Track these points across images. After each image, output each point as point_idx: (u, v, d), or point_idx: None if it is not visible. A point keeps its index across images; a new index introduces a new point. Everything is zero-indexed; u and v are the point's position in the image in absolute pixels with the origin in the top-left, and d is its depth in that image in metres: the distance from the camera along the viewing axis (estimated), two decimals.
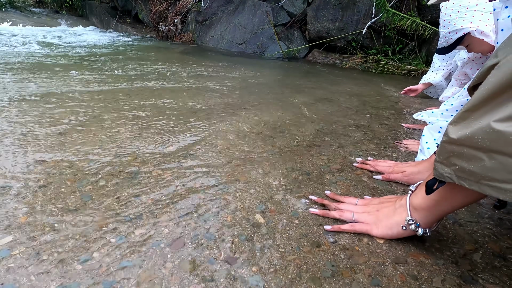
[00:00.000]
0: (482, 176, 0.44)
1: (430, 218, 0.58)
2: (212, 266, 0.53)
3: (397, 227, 0.61)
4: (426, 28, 3.06)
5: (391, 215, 0.63)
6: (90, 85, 1.74)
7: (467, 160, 0.45)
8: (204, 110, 1.42)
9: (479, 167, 0.44)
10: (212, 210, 0.68)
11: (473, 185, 0.45)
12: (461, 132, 0.45)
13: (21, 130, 1.03)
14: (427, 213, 0.58)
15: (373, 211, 0.66)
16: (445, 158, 0.49)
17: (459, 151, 0.46)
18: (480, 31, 1.23)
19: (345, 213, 0.68)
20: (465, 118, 0.45)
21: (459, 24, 1.25)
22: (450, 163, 0.48)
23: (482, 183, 0.44)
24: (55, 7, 7.87)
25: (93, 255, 0.54)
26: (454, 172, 0.47)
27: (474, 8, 1.22)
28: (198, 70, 2.57)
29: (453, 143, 0.47)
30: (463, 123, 0.45)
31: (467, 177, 0.46)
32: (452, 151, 0.47)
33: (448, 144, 0.48)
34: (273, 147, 1.05)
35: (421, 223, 0.59)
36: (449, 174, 0.48)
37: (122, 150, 0.94)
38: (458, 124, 0.46)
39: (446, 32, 1.30)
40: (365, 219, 0.65)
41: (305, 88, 2.14)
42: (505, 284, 0.53)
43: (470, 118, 0.45)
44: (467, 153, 0.45)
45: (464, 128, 0.45)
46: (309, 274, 0.53)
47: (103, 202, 0.69)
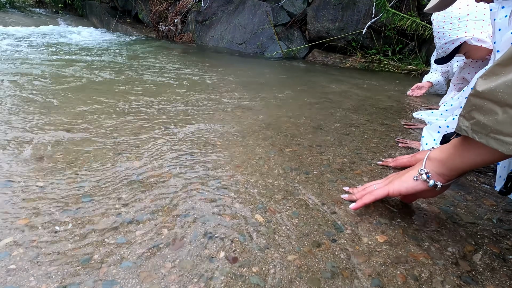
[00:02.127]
0: (491, 129, 0.46)
1: (442, 170, 0.60)
2: (212, 265, 0.53)
3: (410, 179, 0.63)
4: (426, 28, 3.06)
5: (408, 171, 0.66)
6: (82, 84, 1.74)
7: (484, 113, 0.47)
8: (204, 110, 1.42)
9: (491, 120, 0.46)
10: (212, 210, 0.68)
11: (482, 138, 0.48)
12: (487, 85, 0.47)
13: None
14: (439, 165, 0.60)
15: (393, 175, 0.70)
16: (467, 111, 0.51)
17: (480, 104, 0.48)
18: (476, 38, 1.26)
19: (368, 187, 0.72)
20: (495, 72, 0.47)
21: (454, 35, 1.29)
22: (470, 116, 0.50)
23: (490, 136, 0.46)
24: (55, 7, 7.87)
25: (93, 256, 0.54)
26: (471, 125, 0.50)
27: (466, 18, 1.27)
28: (198, 70, 2.57)
29: (477, 96, 0.49)
30: (492, 77, 0.47)
31: (479, 130, 0.48)
32: (475, 104, 0.49)
33: (473, 97, 0.50)
34: (273, 146, 1.05)
35: (432, 174, 0.61)
36: (466, 128, 0.51)
37: (121, 148, 0.94)
38: (488, 77, 0.48)
39: (443, 43, 1.34)
40: (384, 183, 0.69)
41: (305, 88, 2.14)
42: (504, 285, 0.53)
43: (499, 73, 0.46)
44: (486, 107, 0.47)
45: (491, 82, 0.47)
46: (309, 274, 0.53)
47: (103, 201, 0.69)
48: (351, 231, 0.65)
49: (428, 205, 0.77)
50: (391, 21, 3.26)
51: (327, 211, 0.71)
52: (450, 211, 0.74)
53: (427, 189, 0.63)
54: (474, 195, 0.84)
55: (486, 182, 0.91)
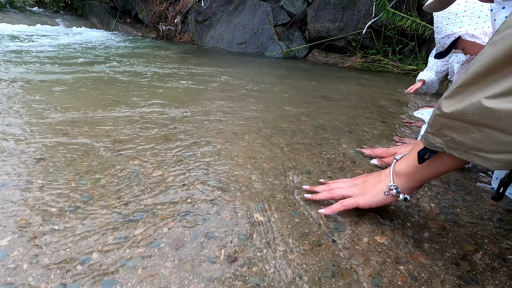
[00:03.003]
0: (470, 147, 0.47)
1: (411, 184, 0.62)
2: (212, 265, 0.53)
3: (381, 193, 0.65)
4: (426, 28, 3.06)
5: (376, 183, 0.67)
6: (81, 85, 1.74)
7: (457, 132, 0.49)
8: (204, 110, 1.42)
9: (468, 139, 0.47)
10: (212, 210, 0.68)
11: (462, 155, 0.49)
12: (453, 107, 0.48)
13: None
14: (408, 179, 0.62)
15: (360, 183, 0.71)
16: (437, 129, 0.52)
17: (450, 124, 0.49)
18: (470, 34, 1.29)
19: (335, 191, 0.72)
20: (458, 93, 0.48)
21: (450, 30, 1.33)
22: (441, 134, 0.52)
23: (470, 153, 0.48)
24: (55, 7, 7.87)
25: (93, 255, 0.54)
26: (445, 142, 0.51)
27: (463, 14, 1.31)
28: (198, 70, 2.57)
29: (445, 116, 0.50)
30: (456, 98, 0.48)
31: (457, 147, 0.50)
32: (444, 123, 0.51)
33: (441, 117, 0.51)
34: (274, 145, 1.05)
35: (402, 189, 0.63)
36: (441, 144, 0.52)
37: (123, 148, 0.94)
38: (451, 99, 0.49)
39: (440, 38, 1.38)
40: (353, 192, 0.70)
41: (305, 88, 2.14)
42: (504, 285, 0.53)
43: (462, 94, 0.47)
44: (458, 126, 0.48)
45: (457, 103, 0.48)
46: (309, 274, 0.53)
47: (103, 201, 0.69)
48: (351, 231, 0.65)
49: (428, 205, 0.77)
50: (391, 21, 3.26)
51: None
52: (450, 211, 0.74)
53: (396, 201, 0.65)
54: (474, 195, 0.84)
55: (486, 182, 0.91)
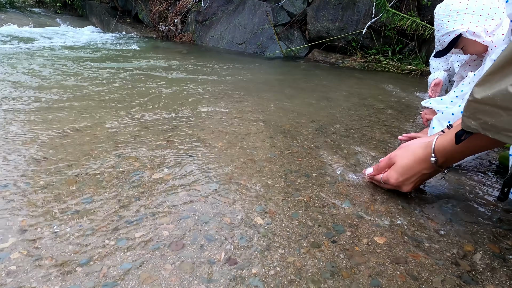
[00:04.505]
0: (502, 128, 0.54)
1: (446, 161, 0.70)
2: (212, 267, 0.53)
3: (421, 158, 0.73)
4: (426, 28, 3.06)
5: (417, 149, 0.74)
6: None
7: (489, 115, 0.55)
8: (204, 112, 1.42)
9: (499, 121, 0.54)
10: (212, 212, 0.68)
11: (496, 135, 0.55)
12: (484, 93, 0.55)
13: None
14: (444, 156, 0.69)
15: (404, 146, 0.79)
16: (471, 113, 0.58)
17: (482, 108, 0.56)
18: (471, 32, 1.27)
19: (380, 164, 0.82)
20: (488, 80, 0.54)
21: (451, 27, 1.31)
22: (475, 117, 0.57)
23: (502, 134, 0.54)
24: (55, 7, 7.87)
25: (93, 257, 0.54)
26: (480, 125, 0.57)
27: (464, 11, 1.28)
28: (197, 70, 2.57)
29: (477, 102, 0.56)
30: (486, 85, 0.54)
31: (490, 129, 0.56)
32: (476, 108, 0.57)
33: (473, 102, 0.57)
34: (274, 148, 1.05)
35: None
36: (476, 126, 0.58)
37: (123, 149, 0.94)
38: (482, 86, 0.55)
39: (440, 36, 1.36)
40: (394, 154, 0.79)
41: (305, 88, 2.14)
42: (504, 285, 0.53)
43: (492, 81, 0.54)
44: (489, 110, 0.54)
45: (487, 90, 0.54)
46: (309, 275, 0.53)
47: (103, 204, 0.69)
48: (351, 232, 0.65)
49: (428, 206, 0.77)
50: (391, 21, 3.26)
51: (327, 213, 0.71)
52: (450, 211, 0.75)
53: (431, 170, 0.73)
54: (474, 195, 0.84)
55: (486, 182, 0.91)
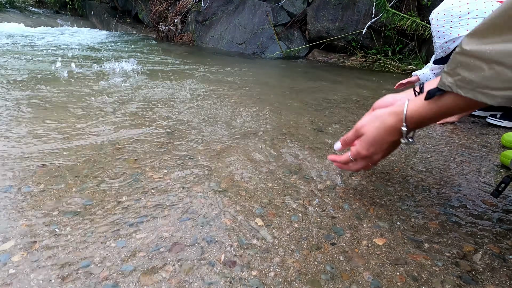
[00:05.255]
0: (478, 85, 0.50)
1: (414, 122, 0.62)
2: (212, 269, 0.53)
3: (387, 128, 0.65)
4: (426, 28, 3.06)
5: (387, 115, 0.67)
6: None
7: (470, 70, 0.51)
8: (203, 113, 1.42)
9: (478, 76, 0.50)
10: (212, 214, 0.68)
11: (468, 93, 0.51)
12: (474, 45, 0.50)
13: None
14: (412, 116, 0.62)
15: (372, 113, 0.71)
16: (452, 68, 0.54)
17: (466, 61, 0.51)
18: None
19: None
20: (481, 31, 0.50)
21: (456, 33, 1.27)
22: (455, 73, 0.53)
23: (476, 91, 0.50)
24: (55, 7, 7.87)
25: (94, 259, 0.54)
26: (455, 81, 0.53)
27: (467, 16, 1.24)
28: (197, 70, 2.57)
29: (464, 54, 0.52)
30: (479, 36, 0.50)
31: (465, 85, 0.52)
32: (460, 61, 0.52)
33: (459, 55, 0.53)
34: (273, 150, 1.05)
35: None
36: (450, 84, 0.54)
37: (123, 151, 0.95)
38: (474, 36, 0.51)
39: (443, 43, 1.31)
40: (362, 122, 0.70)
41: (305, 89, 2.14)
42: (504, 285, 0.53)
43: (485, 33, 0.49)
44: (472, 64, 0.50)
45: (478, 41, 0.50)
46: (308, 277, 0.53)
47: (103, 205, 0.69)
48: (350, 234, 0.65)
49: (427, 206, 0.77)
50: (391, 21, 3.26)
51: (326, 215, 0.71)
52: (450, 212, 0.75)
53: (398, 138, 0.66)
54: (474, 195, 0.84)
55: (486, 182, 0.91)
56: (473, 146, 1.21)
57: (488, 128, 1.46)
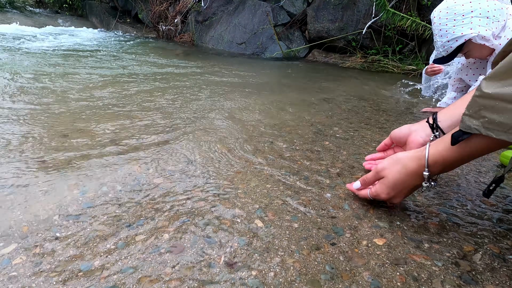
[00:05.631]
0: (510, 126, 0.49)
1: (440, 168, 0.62)
2: (212, 270, 0.53)
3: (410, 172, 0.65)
4: (426, 28, 3.06)
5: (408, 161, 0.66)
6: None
7: (497, 112, 0.49)
8: (203, 114, 1.42)
9: (507, 118, 0.48)
10: (212, 216, 0.68)
11: (501, 135, 0.50)
12: (496, 88, 0.49)
13: None
14: (437, 163, 0.61)
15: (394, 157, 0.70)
16: (475, 111, 0.52)
17: (490, 104, 0.50)
18: (481, 36, 1.22)
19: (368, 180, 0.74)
20: (501, 74, 0.49)
21: (459, 32, 1.24)
22: (479, 115, 0.52)
23: (509, 132, 0.49)
24: (55, 7, 7.88)
25: (94, 262, 0.54)
26: (482, 124, 0.51)
27: (471, 14, 1.21)
28: (197, 71, 2.57)
29: (486, 97, 0.50)
30: (499, 78, 0.49)
31: (495, 127, 0.50)
32: (483, 104, 0.51)
33: (481, 98, 0.51)
34: (273, 151, 1.05)
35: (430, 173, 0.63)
36: (477, 126, 0.52)
37: (123, 153, 0.95)
38: (493, 79, 0.50)
39: (445, 41, 1.28)
40: (383, 166, 0.70)
41: (305, 89, 2.14)
42: (504, 285, 0.53)
43: (506, 74, 0.49)
44: (498, 106, 0.49)
45: (499, 84, 0.49)
46: (308, 277, 0.53)
47: (103, 207, 0.69)
48: (350, 234, 0.65)
49: (427, 206, 0.77)
50: (391, 21, 3.26)
51: (326, 216, 0.71)
52: (450, 212, 0.75)
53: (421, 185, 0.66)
54: (474, 195, 0.84)
55: (486, 182, 0.91)
56: None
57: None
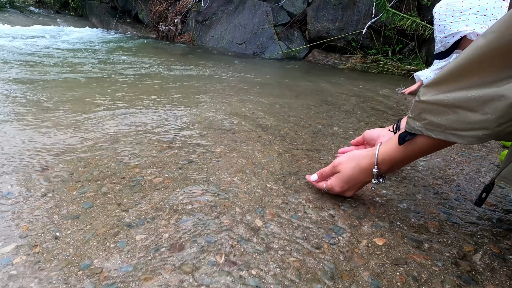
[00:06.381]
0: (447, 127, 0.54)
1: (388, 166, 0.67)
2: (211, 269, 0.53)
3: (360, 170, 0.70)
4: (426, 28, 3.06)
5: (360, 159, 0.71)
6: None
7: (435, 114, 0.55)
8: (202, 115, 1.42)
9: (444, 120, 0.53)
10: (211, 215, 0.68)
11: (439, 135, 0.55)
12: (432, 95, 0.55)
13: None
14: (386, 161, 0.66)
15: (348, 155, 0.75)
16: (416, 114, 0.58)
17: (429, 108, 0.55)
18: (476, 33, 1.23)
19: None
20: (438, 84, 0.54)
21: (455, 28, 1.26)
22: (421, 118, 0.57)
23: (447, 132, 0.54)
24: (55, 7, 7.88)
25: (94, 260, 0.54)
26: (424, 125, 0.57)
27: (468, 11, 1.23)
28: (197, 71, 2.57)
29: (424, 102, 0.56)
30: (435, 87, 0.54)
31: (434, 128, 0.55)
32: (423, 108, 0.56)
33: (421, 103, 0.57)
34: (272, 151, 1.05)
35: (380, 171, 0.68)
36: (420, 127, 0.57)
37: (123, 154, 0.95)
38: (430, 88, 0.55)
39: (443, 37, 1.31)
40: (338, 161, 0.74)
41: (305, 89, 2.14)
42: (504, 285, 0.53)
43: (441, 84, 0.54)
44: (436, 109, 0.54)
45: (435, 91, 0.54)
46: (308, 276, 0.53)
47: (103, 207, 0.69)
48: (350, 234, 0.65)
49: (427, 206, 0.77)
50: (391, 21, 3.26)
51: (326, 215, 0.71)
52: (450, 212, 0.75)
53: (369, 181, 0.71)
54: (474, 195, 0.84)
55: (486, 182, 0.91)
56: (473, 146, 1.21)
57: None
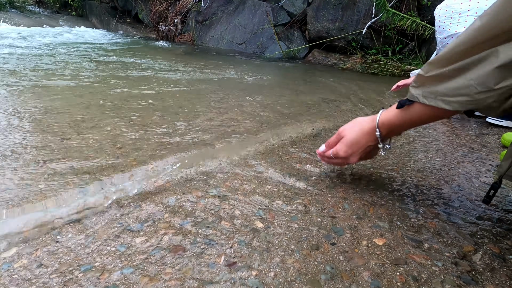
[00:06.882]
0: (439, 93, 0.58)
1: (389, 131, 0.72)
2: (212, 270, 0.53)
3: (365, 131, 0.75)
4: (426, 28, 3.06)
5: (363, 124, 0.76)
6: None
7: (435, 83, 0.59)
8: (202, 115, 1.42)
9: (441, 87, 0.58)
10: (212, 217, 0.68)
11: (432, 101, 0.59)
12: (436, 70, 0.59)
13: None
14: (386, 126, 0.71)
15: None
16: (419, 84, 0.62)
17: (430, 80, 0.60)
18: None
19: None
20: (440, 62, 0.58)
21: (454, 29, 1.29)
22: (421, 86, 0.62)
23: (438, 99, 0.58)
24: (55, 7, 7.87)
25: (94, 263, 0.54)
26: (422, 93, 0.61)
27: (467, 13, 1.26)
28: (197, 71, 2.57)
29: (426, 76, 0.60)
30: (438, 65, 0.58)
31: (428, 95, 0.60)
32: (425, 80, 0.61)
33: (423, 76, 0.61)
34: (272, 153, 1.05)
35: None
36: (418, 95, 0.62)
37: (123, 155, 0.95)
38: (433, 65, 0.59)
39: (442, 38, 1.34)
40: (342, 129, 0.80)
41: (305, 89, 2.14)
42: (504, 285, 0.53)
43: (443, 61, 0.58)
44: (436, 78, 0.59)
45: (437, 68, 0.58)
46: (308, 277, 0.53)
47: (104, 210, 0.69)
48: (350, 234, 0.65)
49: (427, 206, 0.77)
50: (391, 21, 3.26)
51: (326, 215, 0.71)
52: (450, 212, 0.75)
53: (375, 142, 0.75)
54: (474, 195, 0.84)
55: (486, 182, 0.91)
56: (473, 146, 1.21)
57: (488, 128, 1.46)
